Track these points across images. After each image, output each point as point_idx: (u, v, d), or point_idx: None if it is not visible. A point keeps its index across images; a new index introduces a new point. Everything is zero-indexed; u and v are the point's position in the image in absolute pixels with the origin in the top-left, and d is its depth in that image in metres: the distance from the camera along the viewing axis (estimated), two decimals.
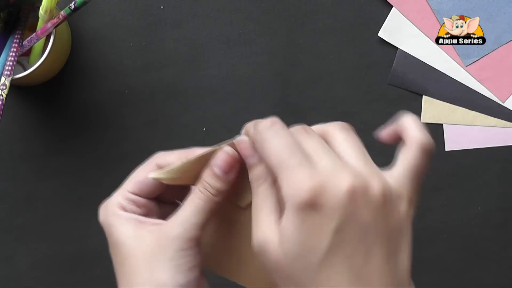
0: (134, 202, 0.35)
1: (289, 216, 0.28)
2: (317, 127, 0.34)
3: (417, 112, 0.57)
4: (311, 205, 0.27)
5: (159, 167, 0.35)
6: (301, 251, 0.28)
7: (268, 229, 0.30)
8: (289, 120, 0.60)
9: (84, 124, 0.56)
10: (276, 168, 0.29)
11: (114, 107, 0.56)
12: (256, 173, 0.32)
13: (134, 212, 0.34)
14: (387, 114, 0.57)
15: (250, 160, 0.32)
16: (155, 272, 0.32)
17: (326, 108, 0.57)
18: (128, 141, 0.56)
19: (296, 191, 0.28)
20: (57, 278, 0.57)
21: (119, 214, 0.34)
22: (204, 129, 0.56)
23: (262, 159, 0.31)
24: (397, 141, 0.34)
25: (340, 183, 0.28)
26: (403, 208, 0.29)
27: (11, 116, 0.56)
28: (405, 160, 0.31)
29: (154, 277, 0.32)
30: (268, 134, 0.30)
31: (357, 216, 0.28)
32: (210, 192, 0.33)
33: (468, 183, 0.58)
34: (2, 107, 0.47)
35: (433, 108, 0.57)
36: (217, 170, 0.33)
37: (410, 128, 0.32)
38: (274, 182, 0.31)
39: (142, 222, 0.34)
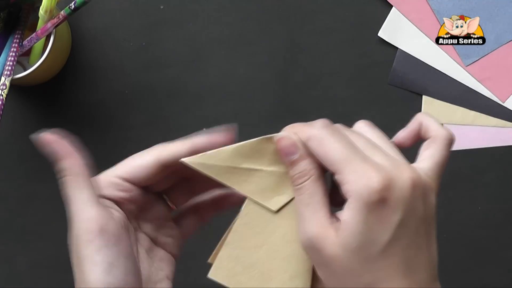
0: (118, 186, 0.34)
1: (354, 210, 0.29)
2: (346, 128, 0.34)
3: (417, 112, 0.57)
4: (380, 199, 0.28)
5: (160, 156, 0.34)
6: (363, 244, 0.28)
7: (321, 223, 0.30)
8: (289, 120, 0.60)
9: (84, 124, 0.56)
10: (340, 164, 0.30)
11: (114, 107, 0.56)
12: (300, 169, 0.32)
13: (115, 196, 0.33)
14: (387, 114, 0.57)
15: (293, 156, 0.32)
16: (86, 274, 0.30)
17: (326, 108, 0.57)
18: (128, 141, 0.56)
19: (368, 185, 0.28)
20: (57, 278, 0.57)
21: (93, 210, 0.32)
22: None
23: (304, 155, 0.32)
24: (416, 141, 0.35)
25: (403, 177, 0.29)
26: (433, 200, 0.31)
27: (11, 116, 0.56)
28: (435, 155, 0.32)
29: (86, 281, 0.30)
30: (328, 133, 0.31)
31: (415, 209, 0.29)
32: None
33: (468, 183, 0.58)
34: (2, 107, 0.47)
35: (433, 108, 0.57)
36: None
37: (432, 125, 0.34)
38: (319, 178, 0.31)
39: (97, 204, 0.32)
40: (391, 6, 0.56)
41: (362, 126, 0.35)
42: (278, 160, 0.33)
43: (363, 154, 0.30)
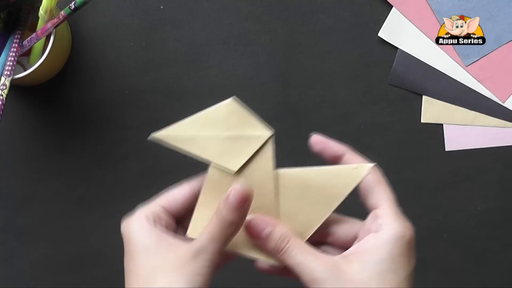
0: (159, 217, 0.37)
1: (387, 242, 0.34)
2: None
3: (417, 112, 0.57)
4: (411, 243, 0.35)
5: (193, 190, 0.38)
6: (388, 269, 0.34)
7: (328, 261, 0.34)
8: (290, 120, 0.60)
9: (84, 124, 0.56)
10: (387, 202, 0.36)
11: (114, 107, 0.56)
12: (277, 235, 0.36)
13: (159, 222, 0.36)
14: (387, 114, 0.57)
15: (267, 230, 0.36)
16: (173, 284, 0.33)
17: (326, 108, 0.57)
18: (128, 141, 0.56)
19: (407, 230, 0.35)
20: (57, 278, 0.57)
21: (144, 225, 0.36)
22: None
23: (275, 225, 0.36)
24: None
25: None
26: None
27: (11, 116, 0.56)
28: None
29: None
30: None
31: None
32: (224, 224, 0.35)
33: (468, 183, 0.58)
34: (2, 107, 0.47)
35: (433, 108, 0.57)
36: (233, 203, 0.36)
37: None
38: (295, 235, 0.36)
39: (164, 237, 0.35)
40: (391, 6, 0.56)
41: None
42: (232, 125, 0.37)
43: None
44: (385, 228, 0.34)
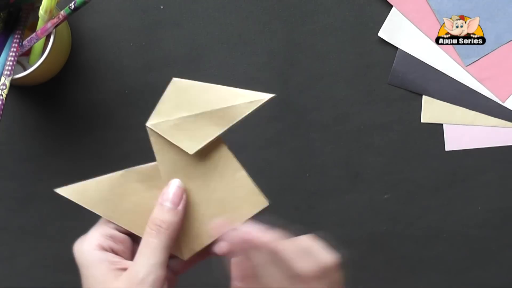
0: (112, 238, 0.36)
1: None
2: None
3: (417, 112, 0.57)
4: None
5: None
6: None
7: None
8: (289, 120, 0.60)
9: (84, 124, 0.56)
10: None
11: (114, 107, 0.56)
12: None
13: (112, 248, 0.35)
14: (387, 114, 0.57)
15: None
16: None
17: (326, 108, 0.57)
18: (128, 141, 0.56)
19: None
20: (57, 278, 0.57)
21: (94, 254, 0.35)
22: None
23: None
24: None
25: None
26: None
27: (11, 116, 0.56)
28: None
29: None
30: None
31: None
32: (163, 228, 0.34)
33: (468, 183, 0.58)
34: (2, 107, 0.47)
35: (433, 108, 0.57)
36: (168, 204, 0.35)
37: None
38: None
39: (113, 263, 0.35)
40: (391, 6, 0.56)
41: None
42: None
43: None
44: None
